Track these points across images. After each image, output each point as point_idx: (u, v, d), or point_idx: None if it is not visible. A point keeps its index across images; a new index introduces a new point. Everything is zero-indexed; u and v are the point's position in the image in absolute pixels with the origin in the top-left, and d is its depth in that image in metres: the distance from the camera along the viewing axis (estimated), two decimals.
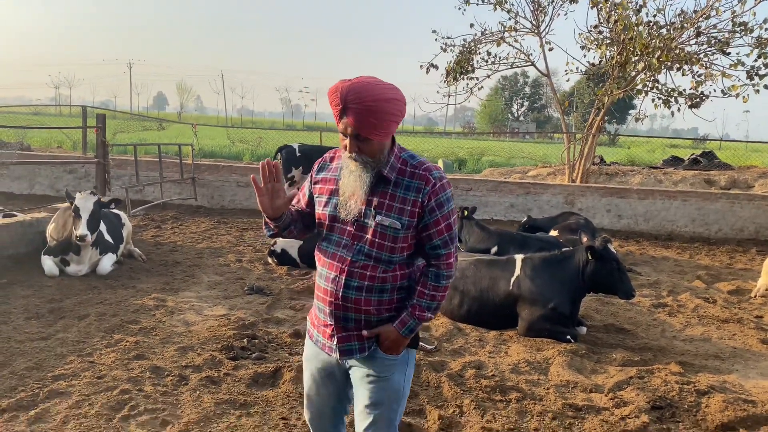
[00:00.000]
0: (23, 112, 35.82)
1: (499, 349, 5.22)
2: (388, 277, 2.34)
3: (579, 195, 12.14)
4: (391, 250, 2.31)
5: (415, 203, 2.26)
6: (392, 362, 2.41)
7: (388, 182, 2.29)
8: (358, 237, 2.31)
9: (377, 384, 2.40)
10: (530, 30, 13.32)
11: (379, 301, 2.36)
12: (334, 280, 2.33)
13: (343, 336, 2.38)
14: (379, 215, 2.27)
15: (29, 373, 4.18)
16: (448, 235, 2.34)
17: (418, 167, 2.30)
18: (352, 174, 2.28)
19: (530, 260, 5.61)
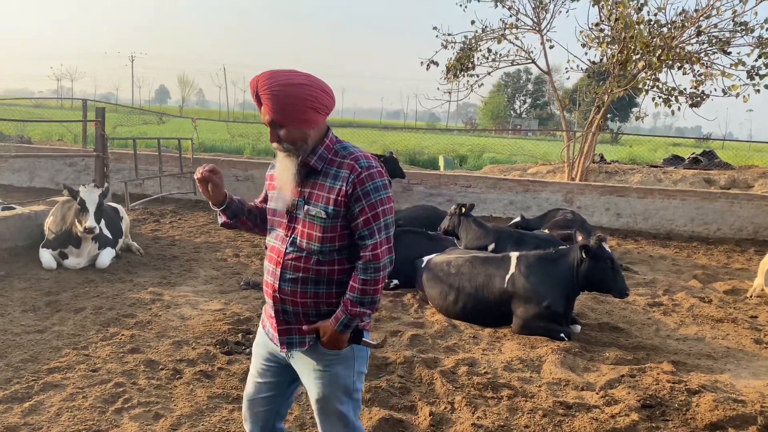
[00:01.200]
0: (25, 104, 35.82)
1: (492, 347, 5.25)
2: (323, 270, 2.33)
3: (578, 193, 12.15)
4: (321, 240, 2.30)
5: (340, 192, 2.26)
6: (334, 357, 2.40)
7: (318, 172, 2.31)
8: (291, 228, 2.35)
9: (322, 378, 2.41)
10: (531, 27, 13.31)
11: (315, 293, 2.35)
12: (273, 273, 2.38)
13: (284, 329, 2.42)
14: (308, 205, 2.30)
15: (24, 366, 4.21)
16: (376, 225, 2.28)
17: (347, 157, 2.31)
18: (280, 164, 2.33)
19: (525, 258, 5.62)
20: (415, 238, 7.09)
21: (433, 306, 6.12)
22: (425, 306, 6.26)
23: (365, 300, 2.32)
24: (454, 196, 12.34)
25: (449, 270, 5.99)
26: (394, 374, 4.43)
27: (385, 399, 4.03)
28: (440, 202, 12.19)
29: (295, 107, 2.21)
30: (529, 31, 13.35)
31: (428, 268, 6.26)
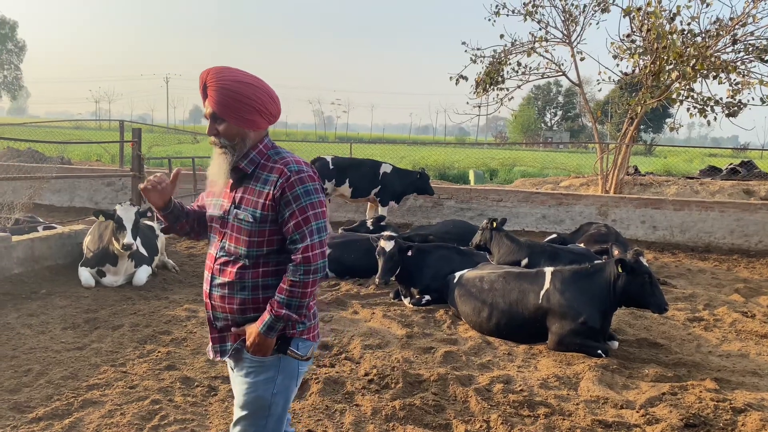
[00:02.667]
0: (65, 126, 36.95)
1: (528, 364, 5.16)
2: (247, 273, 2.32)
3: (612, 206, 11.95)
4: (248, 245, 2.30)
5: (268, 196, 2.27)
6: (257, 365, 2.35)
7: (249, 176, 2.33)
8: (221, 233, 2.38)
9: (243, 388, 2.40)
10: (561, 40, 13.22)
11: (242, 299, 2.33)
12: (206, 279, 2.42)
13: (217, 336, 2.45)
14: (237, 209, 2.32)
15: (64, 383, 4.29)
16: (307, 229, 2.26)
17: (278, 161, 2.32)
18: (215, 161, 2.34)
19: (560, 273, 5.54)
20: (447, 253, 7.05)
21: (466, 322, 6.06)
22: (458, 322, 6.20)
23: (292, 303, 2.27)
24: (485, 211, 12.27)
25: (482, 286, 5.93)
26: (428, 392, 4.39)
27: (419, 417, 3.99)
28: (471, 216, 12.13)
29: (239, 104, 2.25)
30: (559, 44, 13.28)
31: (460, 283, 6.21)
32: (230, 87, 2.25)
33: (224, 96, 2.25)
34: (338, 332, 5.73)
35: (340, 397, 4.29)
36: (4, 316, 5.69)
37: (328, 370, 4.75)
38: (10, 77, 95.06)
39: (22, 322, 5.53)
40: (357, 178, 10.89)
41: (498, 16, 13.31)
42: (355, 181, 10.89)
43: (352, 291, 7.28)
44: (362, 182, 10.92)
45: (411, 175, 11.38)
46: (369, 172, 10.98)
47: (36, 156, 15.00)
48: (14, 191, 11.70)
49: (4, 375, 4.36)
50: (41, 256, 7.28)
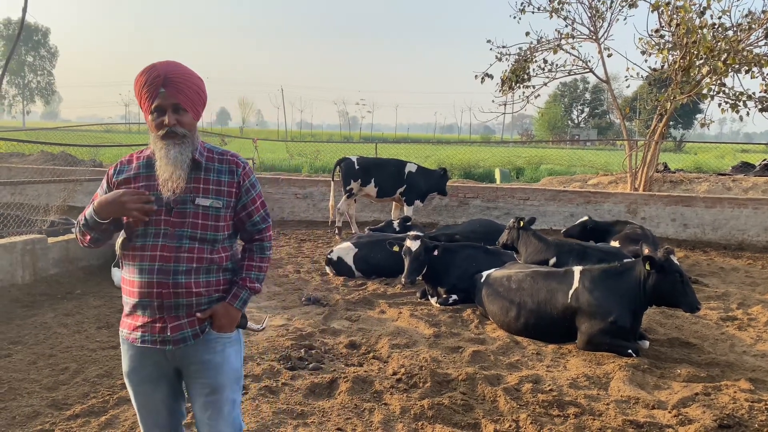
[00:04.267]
0: (96, 130, 37.73)
1: (557, 363, 5.13)
2: (215, 258, 2.47)
3: (642, 204, 11.78)
4: (215, 229, 2.45)
5: (231, 184, 2.49)
6: (226, 341, 2.52)
7: (200, 168, 2.45)
8: (180, 223, 2.41)
9: (216, 366, 2.48)
10: (588, 36, 13.07)
11: (207, 282, 2.46)
12: (161, 270, 2.36)
13: (176, 325, 2.41)
14: (197, 198, 2.42)
15: (100, 381, 4.40)
16: (264, 211, 2.62)
17: (224, 154, 2.55)
18: (168, 154, 2.36)
19: (589, 272, 5.48)
20: (473, 253, 7.03)
21: (494, 322, 6.04)
22: (485, 321, 6.19)
23: (260, 277, 2.62)
24: (512, 210, 12.19)
25: (510, 285, 5.90)
26: (456, 391, 4.39)
27: (448, 416, 3.99)
28: (497, 215, 12.07)
29: (198, 98, 2.44)
30: (585, 40, 13.13)
31: (488, 283, 6.19)
32: (194, 81, 2.42)
33: (188, 88, 2.39)
34: (366, 331, 5.76)
35: (369, 396, 4.31)
36: (41, 315, 5.85)
37: (356, 369, 4.78)
38: (43, 83, 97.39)
39: (58, 322, 5.68)
40: (382, 178, 10.92)
41: (523, 13, 13.22)
42: (381, 180, 10.92)
43: (379, 290, 7.31)
44: (388, 182, 10.94)
45: (435, 174, 11.39)
46: (394, 171, 11.00)
47: (69, 159, 15.36)
48: (48, 194, 12.02)
49: (42, 373, 4.49)
50: (76, 257, 7.46)
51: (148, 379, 2.50)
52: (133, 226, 2.42)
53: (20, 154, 17.78)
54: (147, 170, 2.45)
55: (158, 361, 2.47)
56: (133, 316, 2.46)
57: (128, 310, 2.47)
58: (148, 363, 2.47)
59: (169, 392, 2.55)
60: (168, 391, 2.54)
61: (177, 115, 2.38)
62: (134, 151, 2.61)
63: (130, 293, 2.43)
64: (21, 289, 6.49)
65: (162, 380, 2.51)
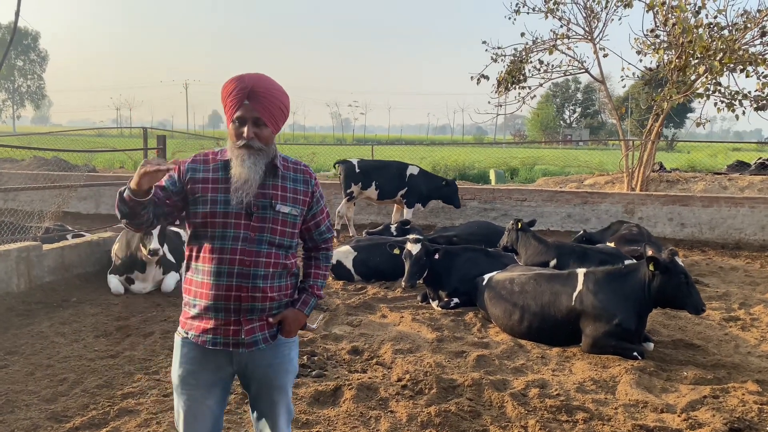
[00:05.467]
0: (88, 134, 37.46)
1: (562, 367, 5.08)
2: (288, 263, 2.55)
3: (639, 203, 11.77)
4: (291, 236, 2.54)
5: (306, 193, 2.58)
6: (291, 344, 2.63)
7: (277, 175, 2.51)
8: (260, 228, 2.45)
9: (281, 367, 2.57)
10: (583, 36, 13.05)
11: (279, 286, 2.53)
12: (241, 274, 2.42)
13: (250, 328, 2.47)
14: (278, 204, 2.48)
15: (100, 391, 4.31)
16: (329, 221, 2.74)
17: (297, 164, 2.62)
18: (244, 163, 2.39)
19: (593, 274, 5.44)
20: (474, 255, 6.98)
21: (497, 325, 5.99)
22: (488, 325, 6.13)
23: (324, 284, 2.77)
24: (509, 211, 12.16)
25: (512, 288, 5.85)
26: (462, 397, 4.33)
27: (455, 423, 3.93)
28: (494, 216, 12.03)
29: (281, 113, 2.47)
30: (581, 41, 13.11)
31: (490, 286, 6.14)
32: (278, 96, 2.45)
33: (271, 104, 2.43)
34: (368, 336, 5.70)
35: (375, 404, 4.25)
36: (37, 324, 5.75)
37: (360, 376, 4.72)
38: (33, 87, 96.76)
39: (55, 331, 5.58)
40: (383, 180, 10.87)
41: (518, 14, 13.18)
42: (382, 183, 10.87)
43: (379, 294, 7.25)
44: (389, 184, 10.90)
45: (437, 180, 11.37)
46: (395, 173, 10.96)
47: (62, 164, 15.21)
48: (42, 200, 11.89)
49: (40, 384, 4.40)
50: (71, 264, 7.36)
51: (204, 385, 2.50)
52: (209, 226, 2.43)
53: (12, 159, 17.60)
54: (225, 173, 2.46)
55: (221, 365, 2.50)
56: (202, 318, 2.46)
57: (196, 312, 2.47)
58: (209, 367, 2.49)
59: (219, 400, 2.57)
60: (219, 398, 2.57)
61: (256, 128, 2.41)
62: (209, 150, 2.62)
63: (202, 295, 2.45)
64: (16, 298, 6.39)
65: (216, 387, 2.53)
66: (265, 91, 2.40)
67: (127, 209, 2.30)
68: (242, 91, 2.38)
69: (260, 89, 2.39)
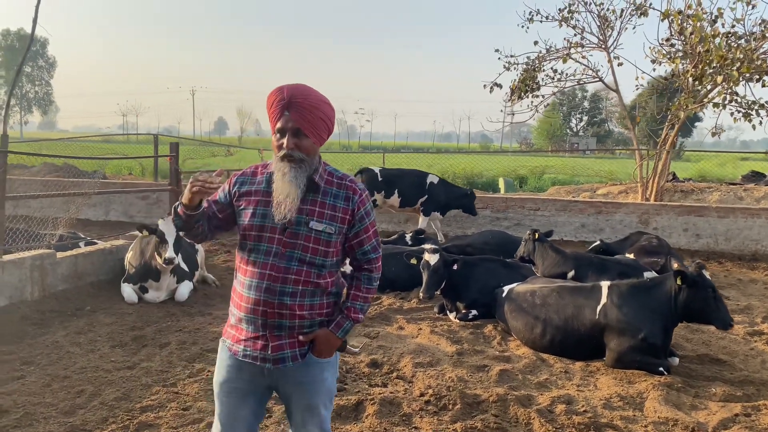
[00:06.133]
0: (95, 140, 37.57)
1: (587, 382, 4.97)
2: (320, 282, 2.45)
3: (654, 214, 11.65)
4: (325, 254, 2.43)
5: (346, 211, 2.45)
6: (325, 365, 2.52)
7: (317, 190, 2.43)
8: (291, 244, 2.40)
9: (312, 387, 2.49)
10: (597, 45, 12.99)
11: (311, 305, 2.44)
12: (268, 289, 2.38)
13: (277, 345, 2.42)
14: (312, 221, 2.40)
15: (118, 404, 4.23)
16: (376, 241, 2.57)
17: (343, 179, 2.50)
18: (285, 176, 2.35)
19: (617, 287, 5.34)
20: (493, 266, 6.88)
21: (518, 338, 5.89)
22: (508, 338, 6.03)
23: (365, 307, 2.59)
24: (522, 220, 12.06)
25: (534, 300, 5.75)
26: (488, 413, 4.24)
27: None
28: (507, 226, 11.93)
29: (322, 123, 2.40)
30: (594, 49, 13.03)
31: (510, 298, 6.04)
32: (319, 107, 2.39)
33: (312, 115, 2.37)
34: (386, 349, 5.60)
35: (398, 420, 4.15)
36: (52, 334, 5.68)
37: (381, 390, 4.62)
38: (41, 93, 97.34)
39: (70, 341, 5.51)
40: (404, 189, 10.99)
41: (531, 22, 13.14)
42: (403, 191, 10.99)
43: (395, 305, 7.15)
44: (410, 192, 11.02)
45: (457, 190, 11.51)
46: (416, 182, 11.09)
47: (73, 171, 15.18)
48: (51, 205, 11.84)
49: (57, 396, 4.32)
50: (84, 272, 7.30)
51: (238, 393, 2.50)
52: (248, 238, 2.44)
53: (22, 165, 17.61)
54: (269, 186, 2.45)
55: (254, 376, 2.48)
56: (237, 328, 2.49)
57: (234, 321, 2.51)
58: (244, 376, 2.49)
59: (253, 410, 2.55)
60: (253, 408, 2.55)
61: (297, 139, 2.37)
62: (259, 164, 2.60)
63: (238, 306, 2.47)
64: (30, 306, 6.32)
65: (250, 396, 2.52)
66: (304, 101, 2.36)
67: (181, 222, 2.46)
68: (281, 102, 2.35)
69: (299, 99, 2.35)
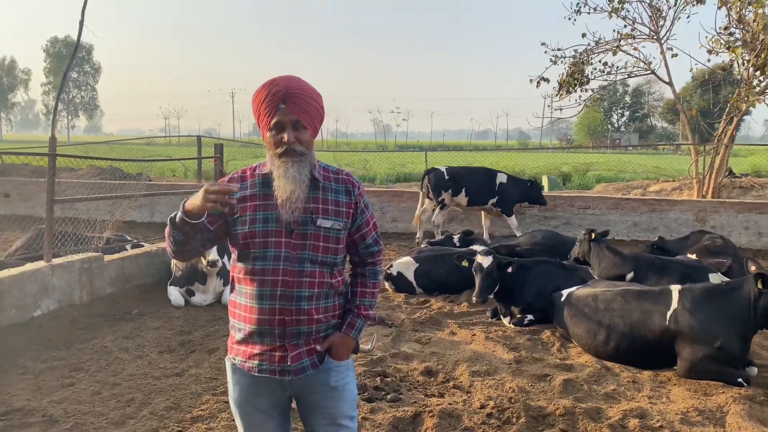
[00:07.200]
0: (138, 143, 38.28)
1: (658, 394, 4.63)
2: (333, 282, 2.34)
3: (712, 211, 11.10)
4: (335, 252, 2.31)
5: (349, 204, 2.34)
6: (344, 368, 2.40)
7: (317, 187, 2.30)
8: (300, 246, 2.25)
9: (336, 397, 2.37)
10: (648, 36, 12.46)
11: (326, 308, 2.32)
12: (284, 296, 2.22)
13: (296, 354, 2.27)
14: (318, 219, 2.27)
15: (168, 414, 4.10)
16: (376, 233, 2.49)
17: (339, 173, 2.39)
18: (287, 172, 2.21)
19: (689, 291, 4.98)
20: (549, 269, 6.56)
21: (579, 345, 5.57)
22: (568, 344, 5.72)
23: (373, 303, 2.49)
24: (571, 219, 11.65)
25: (597, 305, 5.43)
26: (555, 428, 3.96)
27: None
28: (556, 225, 11.54)
29: (318, 114, 2.29)
30: (646, 40, 12.51)
31: (570, 302, 5.73)
32: (314, 97, 2.27)
33: (308, 105, 2.25)
34: (440, 356, 5.36)
35: None
36: (101, 338, 5.61)
37: (439, 401, 4.38)
38: (87, 98, 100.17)
39: (118, 346, 5.43)
40: (473, 187, 10.92)
41: (579, 14, 12.70)
42: (471, 189, 10.91)
43: (445, 309, 6.90)
44: (478, 190, 10.94)
45: (523, 183, 11.37)
46: (484, 181, 11.01)
47: (117, 173, 15.40)
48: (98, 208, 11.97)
49: (107, 405, 4.22)
50: (131, 275, 7.26)
51: (262, 410, 2.36)
52: (250, 246, 2.25)
53: (69, 168, 17.95)
54: (264, 189, 2.29)
55: (274, 390, 2.33)
56: (248, 343, 2.31)
57: (241, 336, 2.32)
58: (263, 392, 2.34)
59: (280, 423, 2.42)
60: (280, 421, 2.42)
61: (296, 132, 2.24)
62: (246, 166, 2.42)
63: (246, 319, 2.28)
64: (79, 310, 6.29)
65: (275, 410, 2.39)
66: (300, 92, 2.23)
67: (182, 236, 2.22)
68: (277, 95, 2.21)
69: (295, 90, 2.22)
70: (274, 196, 2.24)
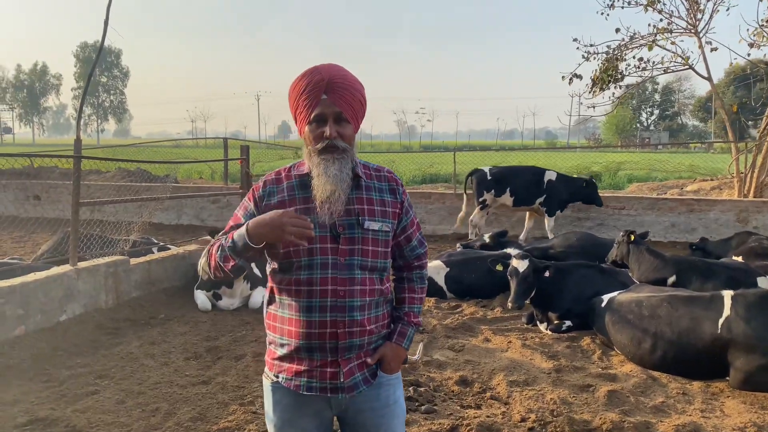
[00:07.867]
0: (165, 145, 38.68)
1: (711, 407, 4.33)
2: (383, 289, 2.17)
3: (754, 211, 10.65)
4: (384, 256, 2.14)
5: (395, 204, 2.16)
6: (395, 383, 2.22)
7: (360, 186, 2.10)
8: (349, 251, 2.04)
9: (388, 413, 2.17)
10: (686, 30, 12.03)
11: (376, 317, 2.14)
12: (335, 307, 2.02)
13: (349, 369, 2.07)
14: (365, 221, 2.07)
15: (194, 425, 3.94)
16: (420, 234, 2.32)
17: (380, 170, 2.21)
18: (328, 170, 1.99)
19: (743, 297, 4.67)
20: (588, 273, 6.27)
21: (622, 353, 5.29)
22: (609, 353, 5.44)
23: (421, 309, 2.32)
24: (606, 220, 11.30)
25: (641, 312, 5.14)
26: None
27: None
28: (590, 227, 11.20)
29: (362, 107, 2.11)
30: (683, 34, 12.08)
31: (611, 308, 5.45)
32: (358, 88, 2.08)
33: (352, 96, 2.05)
34: (475, 364, 5.13)
35: None
36: (126, 344, 5.50)
37: (476, 413, 4.15)
38: (116, 102, 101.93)
39: (144, 352, 5.31)
40: (519, 187, 10.65)
41: (612, 8, 12.33)
42: (517, 189, 10.64)
43: (478, 314, 6.66)
44: (525, 190, 10.66)
45: (576, 182, 11.02)
46: (532, 180, 10.71)
47: (145, 175, 15.45)
48: (126, 210, 11.98)
49: (132, 415, 4.07)
50: (157, 278, 7.16)
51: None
52: (293, 255, 2.02)
53: (98, 171, 18.12)
54: (302, 191, 2.08)
55: (321, 410, 2.11)
56: (293, 359, 2.08)
57: (284, 352, 2.08)
58: (308, 412, 2.11)
59: None
60: None
61: (338, 126, 2.03)
62: (281, 167, 2.20)
63: (291, 333, 2.06)
64: (104, 314, 6.20)
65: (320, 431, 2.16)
66: (343, 81, 2.03)
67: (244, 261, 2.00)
68: (319, 85, 2.00)
69: (338, 80, 2.02)
70: (313, 198, 2.03)
